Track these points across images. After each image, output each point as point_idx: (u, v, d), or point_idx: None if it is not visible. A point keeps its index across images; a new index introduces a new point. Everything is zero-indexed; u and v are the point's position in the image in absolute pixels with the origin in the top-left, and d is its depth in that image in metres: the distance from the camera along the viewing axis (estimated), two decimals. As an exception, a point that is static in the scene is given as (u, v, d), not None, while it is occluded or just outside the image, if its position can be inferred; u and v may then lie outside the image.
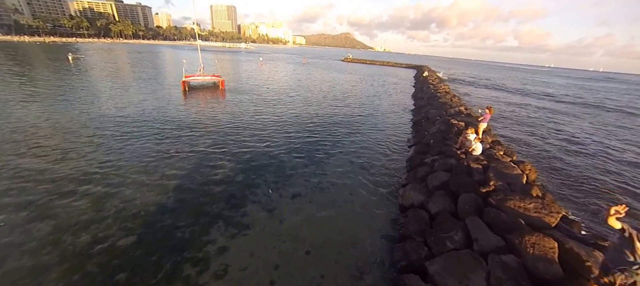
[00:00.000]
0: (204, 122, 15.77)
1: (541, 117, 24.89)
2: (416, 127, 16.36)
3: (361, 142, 14.10)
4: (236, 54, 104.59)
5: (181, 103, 19.88)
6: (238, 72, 43.25)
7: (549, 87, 60.51)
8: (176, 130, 14.09)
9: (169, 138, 13.02)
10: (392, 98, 27.53)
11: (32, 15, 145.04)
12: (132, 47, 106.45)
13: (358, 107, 22.20)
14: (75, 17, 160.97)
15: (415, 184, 8.78)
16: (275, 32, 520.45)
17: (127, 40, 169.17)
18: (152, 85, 26.32)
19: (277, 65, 60.73)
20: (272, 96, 24.05)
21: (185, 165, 10.52)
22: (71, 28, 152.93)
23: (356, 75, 48.98)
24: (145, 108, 17.69)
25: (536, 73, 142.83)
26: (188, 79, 25.47)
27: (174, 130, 14.07)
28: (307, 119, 17.45)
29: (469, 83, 51.89)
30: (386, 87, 35.92)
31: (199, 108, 18.56)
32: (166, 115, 16.53)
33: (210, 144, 12.57)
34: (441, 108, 17.45)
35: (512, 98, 36.22)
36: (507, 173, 7.88)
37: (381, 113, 20.71)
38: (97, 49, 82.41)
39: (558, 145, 16.62)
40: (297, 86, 30.82)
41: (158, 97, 21.36)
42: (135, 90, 23.46)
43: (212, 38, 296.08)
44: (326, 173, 10.58)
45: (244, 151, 12.06)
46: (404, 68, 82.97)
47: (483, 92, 40.33)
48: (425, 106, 20.33)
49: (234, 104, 20.27)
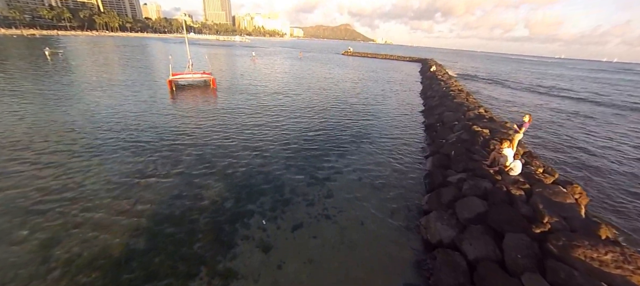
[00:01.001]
0: (190, 130, 13.98)
1: (566, 119, 21.96)
2: (430, 133, 14.77)
3: (369, 153, 12.47)
4: (230, 47, 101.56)
5: (166, 106, 18.00)
6: (232, 68, 40.96)
7: (565, 81, 57.36)
8: (157, 142, 12.31)
9: (147, 151, 11.25)
10: (399, 97, 25.77)
11: (7, 4, 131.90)
12: (118, 41, 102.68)
13: (363, 108, 20.42)
14: (55, 7, 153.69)
15: (441, 213, 7.22)
16: (271, 23, 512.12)
17: (113, 33, 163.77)
18: (136, 85, 24.27)
19: (272, 60, 57.94)
20: (268, 96, 22.17)
21: (164, 188, 8.81)
22: (52, 19, 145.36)
23: (358, 71, 46.81)
24: (124, 114, 15.80)
25: (548, 65, 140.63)
26: (175, 78, 23.50)
27: (155, 142, 12.29)
28: (308, 125, 15.73)
29: (478, 79, 48.05)
30: (392, 84, 33.81)
31: (186, 113, 16.71)
32: (147, 122, 14.69)
33: (196, 160, 10.84)
34: (458, 110, 15.84)
35: (530, 98, 31.95)
36: (558, 203, 6.34)
37: (389, 115, 18.99)
38: (80, 42, 78.97)
39: (596, 155, 14.31)
40: (295, 84, 28.76)
41: (141, 99, 19.42)
42: (115, 91, 21.43)
43: (206, 30, 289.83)
44: (332, 196, 8.98)
45: (236, 168, 10.37)
46: (407, 61, 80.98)
47: (495, 90, 36.69)
48: (437, 106, 18.70)
49: (225, 107, 18.44)
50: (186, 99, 20.06)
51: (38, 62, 34.34)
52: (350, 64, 60.80)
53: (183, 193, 8.60)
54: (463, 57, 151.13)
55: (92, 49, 59.03)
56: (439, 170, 9.74)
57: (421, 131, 15.84)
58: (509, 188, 6.82)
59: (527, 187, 6.98)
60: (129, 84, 24.03)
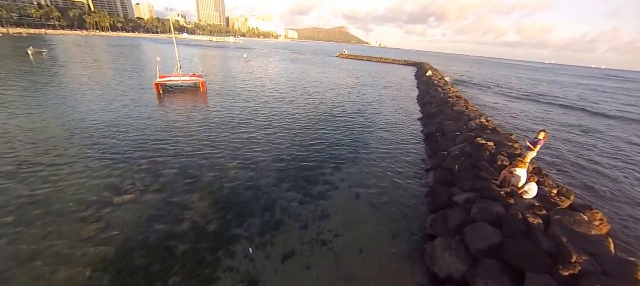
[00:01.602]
0: (174, 139, 13.01)
1: (568, 132, 20.31)
2: (430, 143, 14.08)
3: (367, 166, 11.70)
4: (223, 48, 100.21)
5: (151, 112, 16.95)
6: (223, 70, 39.76)
7: (558, 87, 56.65)
8: (138, 152, 11.33)
9: (124, 164, 10.26)
10: (396, 104, 25.02)
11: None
12: (108, 40, 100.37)
13: (360, 115, 19.61)
14: (44, 6, 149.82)
15: (448, 240, 6.47)
16: (266, 25, 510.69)
17: (104, 33, 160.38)
18: (120, 87, 23.12)
19: (265, 62, 56.74)
20: (260, 102, 21.22)
21: (140, 208, 7.88)
22: (40, 18, 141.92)
23: (354, 75, 46.03)
24: (104, 120, 14.73)
25: (540, 70, 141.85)
26: (163, 80, 22.43)
27: (135, 152, 11.30)
28: (302, 134, 14.90)
29: (473, 85, 46.78)
30: (388, 89, 33.03)
31: (172, 120, 15.70)
32: (129, 130, 13.67)
33: (179, 173, 9.91)
34: (458, 119, 15.21)
35: (528, 106, 30.04)
36: (582, 235, 5.64)
37: (387, 123, 18.23)
38: (67, 42, 76.70)
39: (603, 170, 13.43)
40: (289, 89, 27.77)
41: (124, 103, 18.32)
42: (97, 94, 20.27)
43: (199, 31, 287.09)
44: (327, 216, 8.17)
45: (222, 183, 9.47)
46: (402, 65, 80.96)
47: (492, 97, 35.28)
48: (437, 114, 18.07)
49: (214, 114, 17.48)
50: (173, 104, 19.03)
51: (19, 62, 32.75)
52: (346, 67, 60.22)
53: (161, 214, 7.69)
54: (456, 61, 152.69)
55: (79, 49, 57.17)
56: (443, 187, 9.02)
57: (420, 141, 15.16)
58: (524, 215, 6.10)
59: (544, 213, 6.28)
60: (114, 87, 22.86)
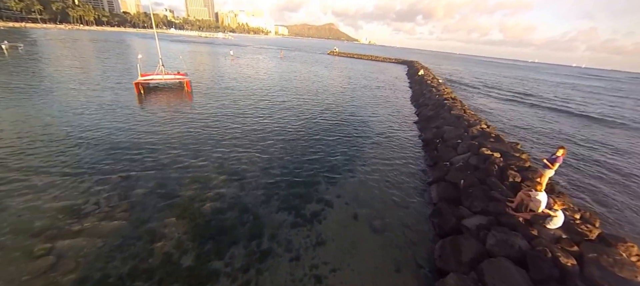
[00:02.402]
0: (152, 147, 11.74)
1: (566, 138, 18.93)
2: (430, 151, 13.20)
3: (363, 177, 10.75)
4: (212, 45, 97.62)
5: (129, 115, 15.54)
6: (210, 68, 37.97)
7: (547, 87, 56.81)
8: (108, 162, 10.05)
9: (91, 179, 8.98)
10: (391, 105, 24.11)
11: None
12: (91, 35, 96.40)
13: (355, 119, 18.58)
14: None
15: (463, 279, 5.54)
16: (255, 21, 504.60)
17: (88, 27, 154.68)
18: (99, 86, 21.50)
19: (254, 60, 54.70)
20: (248, 103, 19.92)
21: (103, 235, 6.72)
22: (20, 11, 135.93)
23: (346, 74, 44.84)
24: (74, 125, 13.28)
25: (524, 69, 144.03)
26: (144, 79, 20.94)
27: (105, 162, 10.02)
28: (293, 140, 13.79)
29: (464, 85, 45.65)
30: (382, 90, 31.96)
31: (151, 124, 14.35)
32: (102, 136, 12.32)
33: (154, 190, 8.72)
34: (458, 125, 14.38)
35: (523, 110, 28.25)
36: (626, 281, 4.79)
37: (383, 128, 17.25)
38: (48, 36, 73.08)
39: (610, 182, 12.72)
40: (279, 89, 26.40)
41: (101, 105, 16.84)
42: (73, 94, 18.68)
43: (188, 26, 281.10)
44: (323, 243, 7.17)
45: (203, 202, 8.34)
46: (393, 63, 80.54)
47: (483, 98, 34.27)
48: (434, 118, 17.24)
49: (198, 117, 16.21)
50: (155, 106, 17.62)
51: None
52: (337, 65, 59.11)
53: (127, 244, 6.54)
54: (444, 59, 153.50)
55: (59, 44, 54.30)
56: (449, 207, 8.13)
57: (419, 148, 14.28)
58: (555, 254, 5.22)
59: (576, 250, 5.43)
60: (91, 85, 21.21)
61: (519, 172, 8.88)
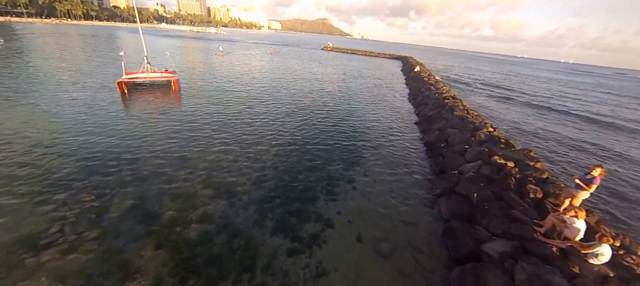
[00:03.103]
0: (132, 157, 10.63)
1: (572, 146, 17.35)
2: (434, 156, 12.33)
3: (365, 189, 9.84)
4: (202, 40, 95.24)
5: (109, 119, 14.32)
6: (200, 65, 36.32)
7: (540, 83, 57.57)
8: (80, 177, 8.93)
9: (57, 198, 7.87)
10: (389, 105, 23.10)
11: None
12: (79, 30, 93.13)
13: (352, 121, 17.54)
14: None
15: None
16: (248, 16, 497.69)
17: (76, 21, 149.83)
18: (79, 86, 20.11)
19: (246, 56, 52.40)
20: (238, 103, 18.72)
21: (65, 271, 5.69)
22: (5, 5, 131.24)
23: (341, 71, 43.46)
24: (47, 132, 12.03)
25: (516, 65, 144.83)
26: (128, 78, 19.63)
27: (77, 177, 8.90)
28: (287, 146, 12.72)
29: (460, 82, 44.36)
30: (379, 88, 30.76)
31: (132, 130, 13.12)
32: (76, 144, 11.14)
33: (131, 209, 7.68)
34: (463, 128, 13.54)
35: (522, 110, 26.95)
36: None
37: (382, 130, 16.31)
38: (34, 31, 70.15)
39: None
40: (271, 87, 25.14)
41: (80, 107, 15.56)
42: (50, 95, 17.30)
43: (179, 21, 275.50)
44: (324, 273, 6.29)
45: (186, 225, 7.34)
46: (387, 59, 79.52)
47: (481, 96, 33.40)
48: (435, 118, 16.39)
49: (185, 120, 15.08)
50: (138, 107, 16.38)
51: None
52: (332, 61, 57.82)
53: (94, 284, 5.53)
54: (437, 55, 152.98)
55: (43, 39, 51.91)
56: (464, 226, 7.29)
57: (422, 153, 13.42)
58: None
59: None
60: (71, 85, 19.79)
61: (538, 184, 8.07)
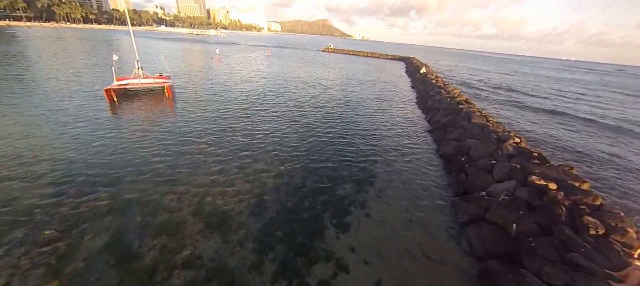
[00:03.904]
0: (114, 176, 9.33)
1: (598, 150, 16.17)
2: (455, 171, 10.93)
3: (381, 217, 8.46)
4: (201, 42, 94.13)
5: (95, 131, 13.05)
6: (196, 69, 34.81)
7: (549, 83, 55.03)
8: (46, 208, 7.60)
9: (16, 234, 6.55)
10: (397, 110, 21.63)
11: None
12: (77, 33, 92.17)
13: (360, 131, 16.13)
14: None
15: None
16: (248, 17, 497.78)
17: (74, 25, 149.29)
18: (67, 92, 18.87)
19: (243, 60, 50.22)
20: (235, 113, 17.23)
21: None
22: (4, 9, 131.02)
23: (344, 74, 41.80)
24: (18, 148, 10.73)
25: (518, 63, 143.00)
26: (119, 85, 18.39)
27: (42, 209, 7.57)
28: (290, 165, 11.27)
29: (467, 83, 41.93)
30: (385, 92, 29.07)
31: (118, 144, 11.82)
32: (51, 164, 9.83)
33: (103, 251, 6.36)
34: (485, 138, 12.16)
35: (543, 118, 23.73)
36: None
37: (393, 141, 14.90)
38: (30, 35, 69.14)
39: None
40: (271, 94, 23.57)
41: (65, 116, 14.32)
42: (35, 102, 16.07)
43: (178, 23, 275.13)
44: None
45: (173, 269, 6.03)
46: (390, 60, 78.29)
47: (494, 100, 30.81)
48: (450, 127, 15.00)
49: (176, 131, 13.81)
50: (127, 117, 15.07)
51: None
52: (334, 63, 56.45)
53: None
54: (439, 55, 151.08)
55: (38, 43, 50.82)
56: (505, 268, 5.94)
57: (439, 168, 12.04)
58: None
59: None
60: (58, 91, 18.55)
61: (592, 213, 6.71)
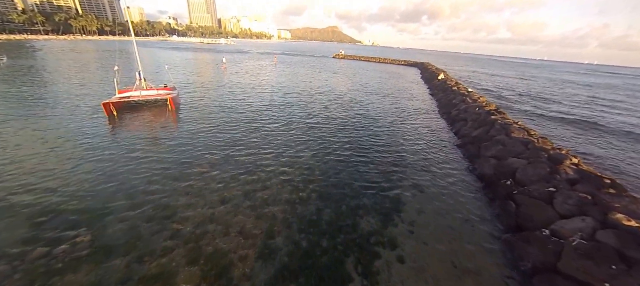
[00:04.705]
0: (102, 209, 7.96)
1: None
2: (500, 199, 9.02)
3: (417, 266, 6.67)
4: (209, 51, 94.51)
5: (85, 152, 11.87)
6: (202, 79, 33.40)
7: (582, 89, 48.58)
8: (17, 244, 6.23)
9: None
10: (419, 121, 19.49)
11: None
12: (92, 45, 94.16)
13: (382, 146, 14.36)
14: (27, 11, 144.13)
15: None
16: (258, 26, 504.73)
17: (90, 37, 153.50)
18: (68, 106, 18.03)
19: (251, 68, 48.13)
20: (242, 126, 15.82)
21: None
22: (23, 24, 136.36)
23: (357, 80, 39.83)
24: (16, 172, 9.56)
25: (537, 67, 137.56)
26: (120, 97, 17.39)
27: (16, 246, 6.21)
28: (303, 192, 9.67)
29: (488, 91, 37.77)
30: (403, 101, 26.59)
31: (112, 168, 10.46)
32: (34, 194, 8.56)
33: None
34: (534, 158, 10.25)
35: (591, 134, 19.59)
36: None
37: (419, 158, 13.00)
38: (45, 47, 70.75)
39: None
40: (280, 104, 21.53)
41: (65, 132, 13.29)
42: (36, 118, 15.19)
43: (190, 33, 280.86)
44: None
45: None
46: (403, 66, 76.45)
47: (522, 107, 28.02)
48: (484, 140, 13.12)
49: (177, 149, 12.49)
50: (125, 134, 13.80)
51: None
52: (345, 70, 54.81)
53: None
54: (452, 60, 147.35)
55: (51, 55, 51.52)
56: None
57: (479, 192, 10.16)
58: None
59: None
60: (60, 104, 17.76)
61: None
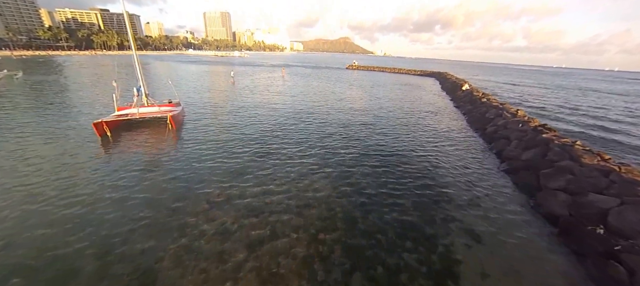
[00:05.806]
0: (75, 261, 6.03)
1: None
2: (593, 257, 6.50)
3: None
4: (223, 64, 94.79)
5: (69, 181, 10.18)
6: (210, 93, 31.29)
7: (619, 100, 42.88)
8: None
9: None
10: (451, 139, 16.83)
11: (5, 27, 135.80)
12: (110, 60, 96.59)
13: (413, 171, 11.90)
14: (52, 28, 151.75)
15: None
16: (271, 38, 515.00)
17: (110, 52, 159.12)
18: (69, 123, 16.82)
19: (261, 81, 45.65)
20: (249, 149, 13.69)
21: None
22: (49, 40, 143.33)
23: (375, 93, 37.10)
24: None
25: (556, 75, 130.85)
26: (115, 116, 15.94)
27: None
28: (321, 240, 7.47)
29: (514, 101, 35.28)
30: (428, 116, 23.42)
31: (93, 205, 8.71)
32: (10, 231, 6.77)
33: None
34: (624, 193, 7.73)
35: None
36: None
37: (461, 189, 10.55)
38: (66, 62, 72.71)
39: None
40: (293, 124, 18.84)
41: (62, 154, 11.75)
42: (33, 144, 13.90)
43: (206, 46, 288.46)
44: None
45: None
46: (420, 76, 73.59)
47: (557, 117, 25.79)
48: (541, 167, 10.47)
49: (176, 177, 10.66)
50: (117, 159, 12.01)
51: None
52: (360, 82, 51.93)
53: None
54: (468, 69, 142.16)
55: (67, 70, 52.41)
56: None
57: (555, 244, 7.63)
58: None
59: None
60: (59, 124, 16.43)
61: None
